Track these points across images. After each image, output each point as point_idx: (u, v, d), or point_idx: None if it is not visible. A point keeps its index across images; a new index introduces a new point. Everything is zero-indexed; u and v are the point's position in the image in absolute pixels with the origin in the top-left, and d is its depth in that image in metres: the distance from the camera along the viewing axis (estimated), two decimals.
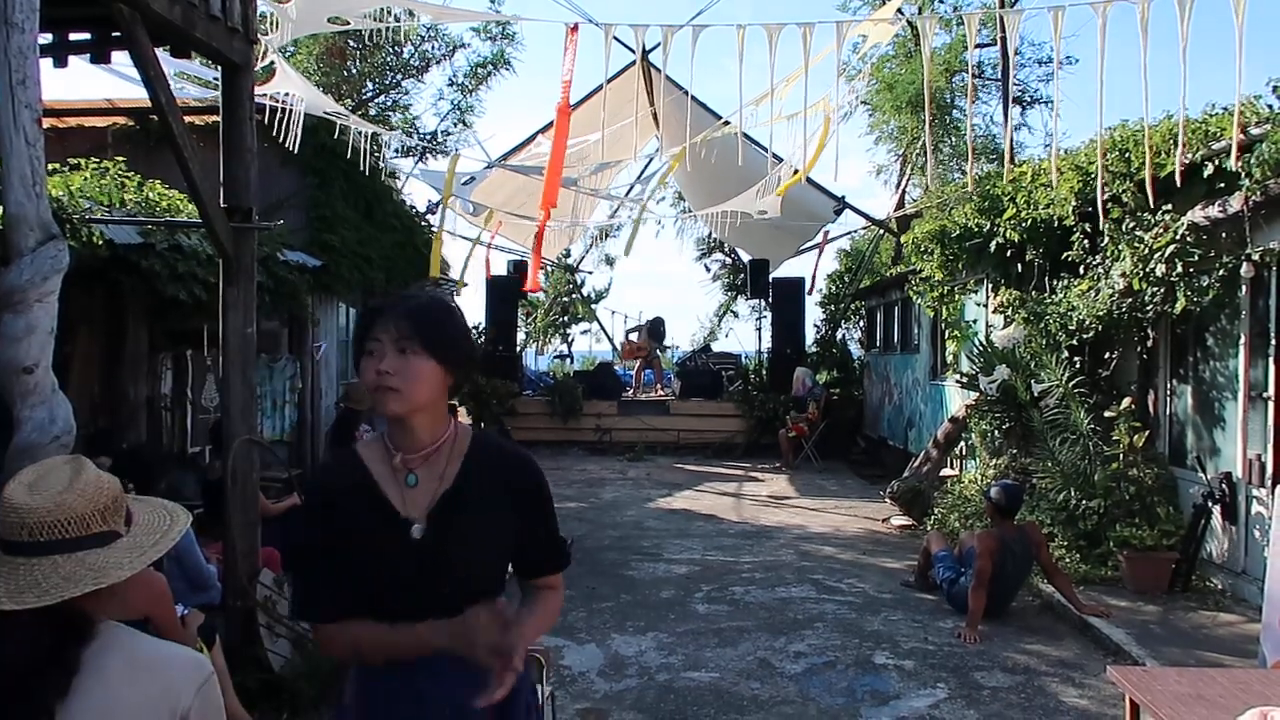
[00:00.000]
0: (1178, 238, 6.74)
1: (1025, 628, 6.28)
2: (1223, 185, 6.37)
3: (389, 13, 7.60)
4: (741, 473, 13.98)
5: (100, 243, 5.56)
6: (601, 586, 7.28)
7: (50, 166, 6.28)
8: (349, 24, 8.29)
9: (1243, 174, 5.98)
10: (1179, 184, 5.98)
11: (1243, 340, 6.51)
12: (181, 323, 7.60)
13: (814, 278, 17.80)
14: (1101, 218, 6.78)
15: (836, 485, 12.82)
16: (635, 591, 7.16)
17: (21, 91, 2.74)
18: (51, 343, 2.82)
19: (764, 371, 17.58)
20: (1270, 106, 6.20)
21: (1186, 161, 5.77)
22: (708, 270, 26.31)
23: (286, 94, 8.33)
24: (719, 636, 6.05)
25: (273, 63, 8.02)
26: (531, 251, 8.98)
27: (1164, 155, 6.72)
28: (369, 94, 16.34)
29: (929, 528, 8.64)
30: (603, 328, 26.02)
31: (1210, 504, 6.59)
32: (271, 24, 7.14)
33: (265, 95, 8.06)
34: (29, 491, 1.66)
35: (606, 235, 24.05)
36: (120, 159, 7.25)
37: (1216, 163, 6.38)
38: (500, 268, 18.17)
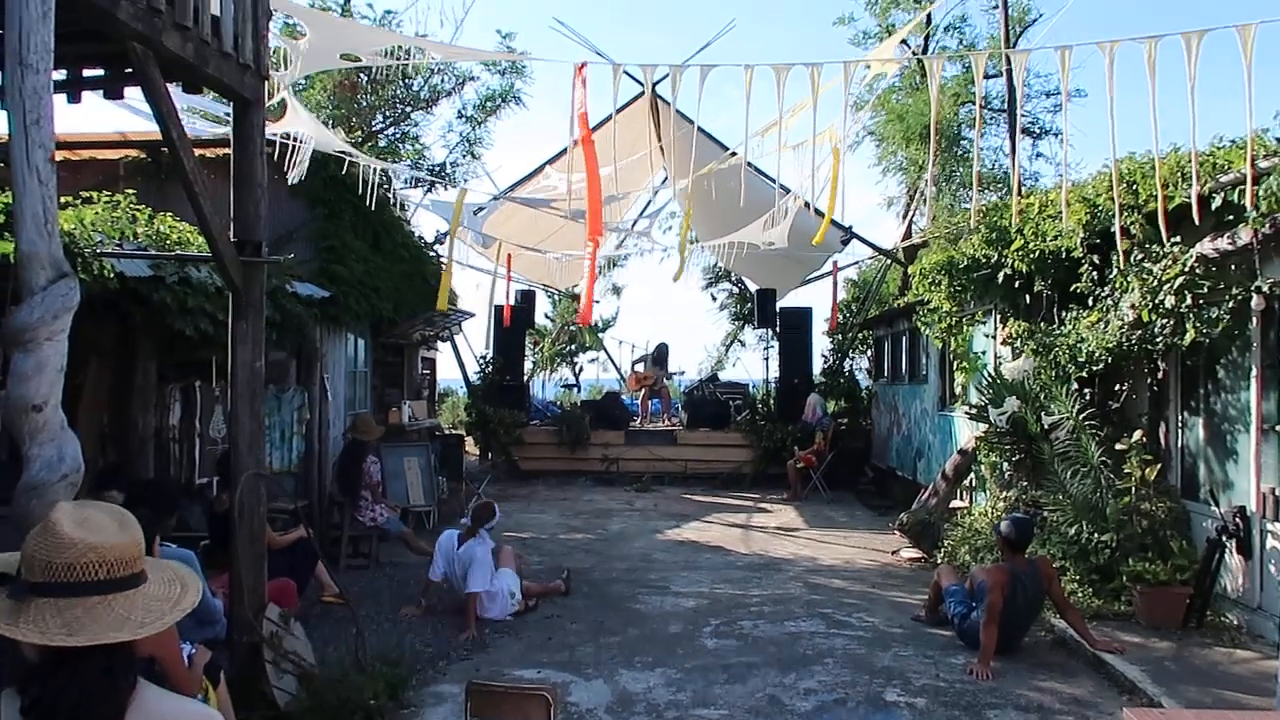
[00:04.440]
0: (1186, 269, 6.72)
1: (1038, 664, 6.20)
2: (1231, 218, 6.36)
3: (400, 51, 7.69)
4: (750, 504, 13.90)
5: (111, 276, 5.58)
6: (609, 620, 7.22)
7: (62, 200, 6.34)
8: (360, 60, 8.38)
9: (1251, 207, 5.97)
10: (1197, 218, 5.98)
11: (1254, 372, 6.47)
12: (190, 354, 7.62)
13: (833, 311, 17.70)
14: (1119, 248, 6.74)
15: (845, 516, 12.73)
16: (643, 625, 7.10)
17: (35, 131, 2.76)
18: (61, 381, 2.82)
19: (771, 401, 17.54)
20: (1277, 139, 6.20)
21: (1200, 194, 5.78)
22: (714, 299, 26.38)
23: (296, 134, 8.41)
24: (728, 672, 5.98)
25: (283, 100, 8.10)
26: (586, 283, 9.12)
27: (1172, 188, 6.72)
28: (379, 125, 16.48)
29: (939, 561, 8.56)
30: (610, 357, 26.05)
31: (1224, 538, 6.52)
32: (283, 60, 7.22)
33: (275, 134, 8.15)
34: (89, 531, 1.65)
35: (614, 265, 24.14)
36: (131, 191, 7.31)
37: (1224, 195, 6.38)
38: (510, 298, 18.19)
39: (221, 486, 6.98)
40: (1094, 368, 7.78)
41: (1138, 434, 7.41)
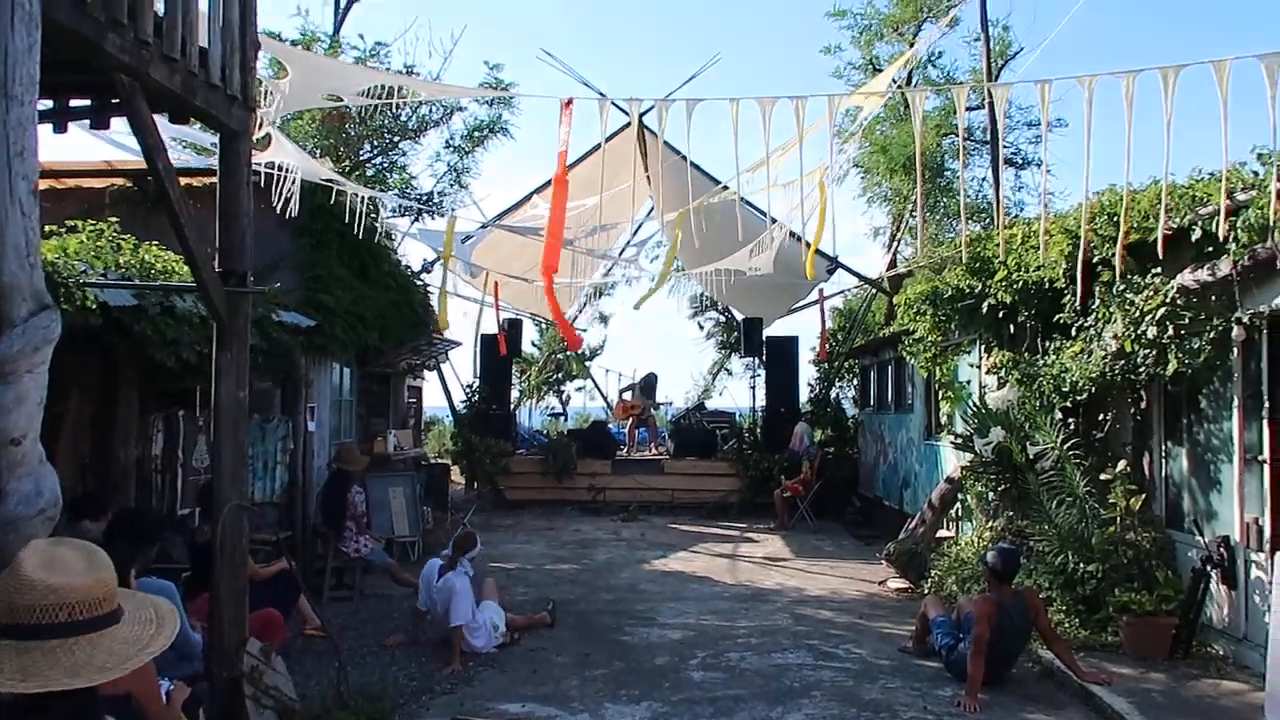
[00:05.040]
0: (1167, 300, 6.78)
1: (1026, 695, 6.17)
2: (1210, 249, 6.43)
3: (384, 89, 7.73)
4: (737, 533, 13.86)
5: (94, 307, 5.55)
6: (595, 652, 7.16)
7: (46, 229, 6.30)
8: (343, 100, 8.43)
9: (1229, 239, 6.04)
10: (1161, 254, 6.06)
11: (1236, 402, 6.52)
12: (173, 384, 7.57)
13: (823, 340, 17.73)
14: (1099, 278, 6.83)
15: (832, 546, 12.70)
16: (629, 657, 7.04)
17: (19, 163, 2.75)
18: (40, 414, 2.79)
19: (758, 430, 17.53)
20: (1255, 173, 6.29)
21: (1172, 229, 5.84)
22: (701, 328, 26.42)
23: (282, 164, 8.42)
24: (714, 705, 5.93)
25: (268, 133, 8.12)
26: (553, 315, 9.32)
27: (1152, 220, 6.80)
28: (367, 155, 16.51)
29: (926, 591, 8.54)
30: (597, 386, 26.01)
31: (1209, 568, 6.53)
32: (267, 96, 7.24)
33: (260, 165, 8.15)
34: (52, 572, 1.62)
35: (601, 293, 24.15)
36: (115, 220, 7.28)
37: (1203, 227, 6.45)
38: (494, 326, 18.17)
39: (203, 517, 6.91)
40: (1078, 397, 7.81)
41: (1122, 464, 7.44)
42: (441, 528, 12.28)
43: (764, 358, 17.79)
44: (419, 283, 14.24)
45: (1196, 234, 6.51)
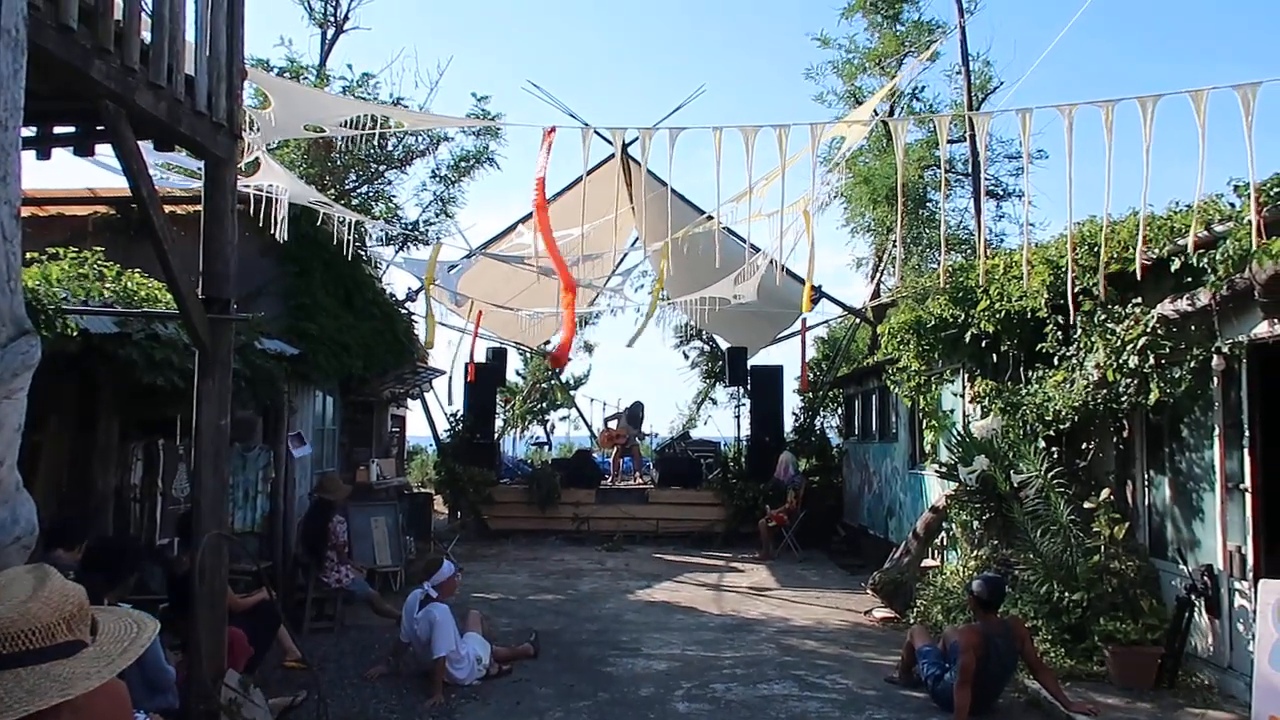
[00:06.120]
0: (1148, 330, 6.84)
1: None
2: (1190, 280, 6.50)
3: (368, 119, 7.75)
4: (722, 563, 13.79)
5: (74, 333, 5.50)
6: (579, 684, 7.08)
7: (29, 256, 6.27)
8: (324, 130, 8.45)
9: (1208, 269, 6.11)
10: (1139, 278, 6.11)
11: (1217, 431, 6.56)
12: (154, 411, 7.50)
13: (804, 371, 17.76)
14: (1078, 309, 6.89)
15: (817, 576, 12.66)
16: (613, 689, 6.97)
17: (1, 188, 2.73)
18: (18, 440, 2.75)
19: (743, 459, 17.51)
20: (1232, 205, 6.38)
21: (1151, 259, 5.90)
22: (686, 357, 26.45)
23: (271, 185, 8.41)
24: None
25: (257, 158, 8.13)
26: (565, 329, 9.49)
27: (1131, 250, 6.88)
28: (352, 184, 16.53)
29: (912, 620, 8.51)
30: (581, 415, 25.96)
31: (1193, 597, 6.54)
32: (252, 125, 7.26)
33: (249, 186, 8.14)
34: None
35: (586, 323, 24.18)
36: (100, 248, 7.25)
37: (1183, 258, 6.52)
38: (480, 355, 18.14)
39: (183, 547, 6.82)
40: (1061, 426, 7.85)
41: (1105, 492, 7.46)
42: (424, 558, 12.17)
43: (749, 387, 17.81)
44: (403, 311, 14.23)
45: (1175, 264, 6.58)
